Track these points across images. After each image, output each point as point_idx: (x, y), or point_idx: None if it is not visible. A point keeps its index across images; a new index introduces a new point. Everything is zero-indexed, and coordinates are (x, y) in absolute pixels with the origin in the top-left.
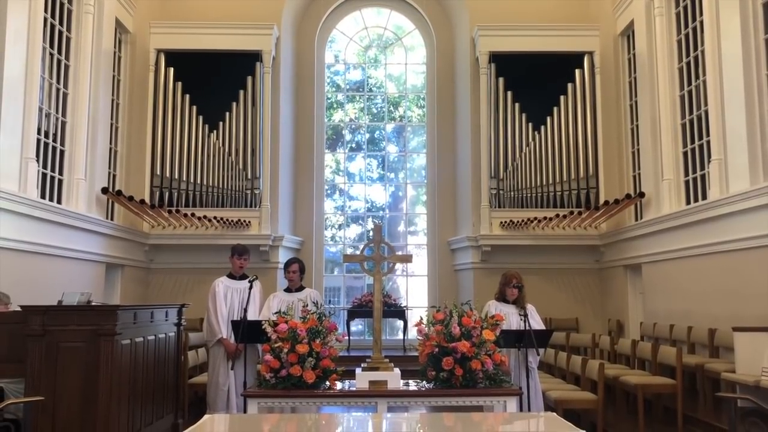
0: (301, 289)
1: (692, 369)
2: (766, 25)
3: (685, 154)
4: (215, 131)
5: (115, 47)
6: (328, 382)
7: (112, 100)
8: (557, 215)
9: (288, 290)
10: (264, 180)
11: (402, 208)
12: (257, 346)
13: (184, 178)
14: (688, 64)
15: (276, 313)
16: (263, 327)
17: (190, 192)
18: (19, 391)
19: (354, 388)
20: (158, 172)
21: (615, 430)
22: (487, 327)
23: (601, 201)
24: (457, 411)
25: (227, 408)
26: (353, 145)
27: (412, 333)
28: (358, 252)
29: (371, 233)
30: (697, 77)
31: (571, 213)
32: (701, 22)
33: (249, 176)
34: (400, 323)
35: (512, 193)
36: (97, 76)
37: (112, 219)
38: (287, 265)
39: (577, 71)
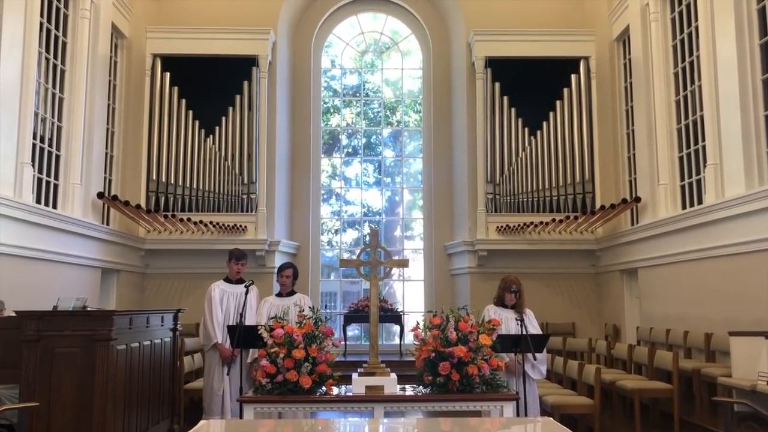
0: (292, 293)
1: (689, 373)
2: (760, 29)
3: (681, 158)
4: (211, 136)
5: (111, 52)
6: (324, 388)
7: (108, 105)
8: (553, 220)
9: (279, 295)
10: (260, 185)
11: (398, 212)
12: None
13: (180, 183)
14: (684, 69)
15: (272, 318)
16: (259, 332)
17: (186, 197)
18: (14, 397)
19: (350, 394)
20: (154, 177)
21: None
22: (484, 332)
23: (597, 205)
24: (454, 416)
25: (222, 413)
26: (350, 150)
27: (409, 338)
28: (354, 257)
29: (368, 238)
30: (692, 82)
31: (567, 218)
32: (696, 27)
33: (245, 181)
34: (396, 328)
35: (508, 198)
36: (93, 81)
37: (107, 224)
38: (281, 269)
39: (572, 76)
